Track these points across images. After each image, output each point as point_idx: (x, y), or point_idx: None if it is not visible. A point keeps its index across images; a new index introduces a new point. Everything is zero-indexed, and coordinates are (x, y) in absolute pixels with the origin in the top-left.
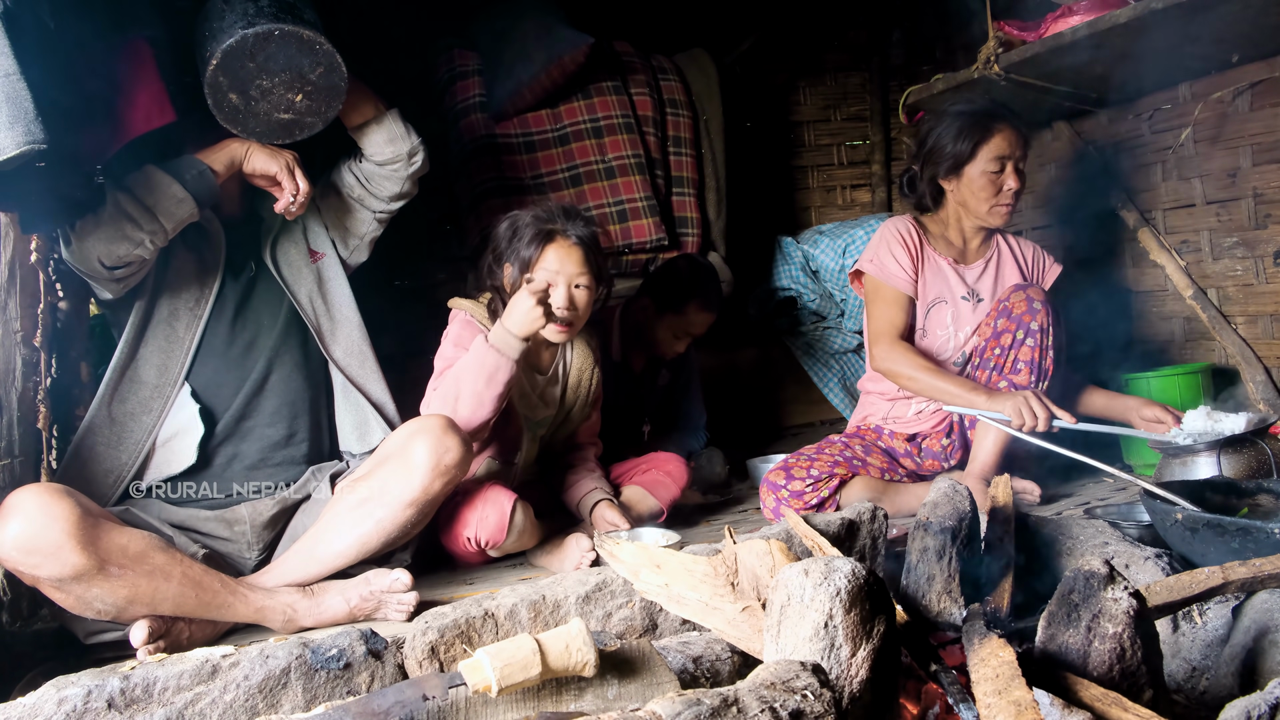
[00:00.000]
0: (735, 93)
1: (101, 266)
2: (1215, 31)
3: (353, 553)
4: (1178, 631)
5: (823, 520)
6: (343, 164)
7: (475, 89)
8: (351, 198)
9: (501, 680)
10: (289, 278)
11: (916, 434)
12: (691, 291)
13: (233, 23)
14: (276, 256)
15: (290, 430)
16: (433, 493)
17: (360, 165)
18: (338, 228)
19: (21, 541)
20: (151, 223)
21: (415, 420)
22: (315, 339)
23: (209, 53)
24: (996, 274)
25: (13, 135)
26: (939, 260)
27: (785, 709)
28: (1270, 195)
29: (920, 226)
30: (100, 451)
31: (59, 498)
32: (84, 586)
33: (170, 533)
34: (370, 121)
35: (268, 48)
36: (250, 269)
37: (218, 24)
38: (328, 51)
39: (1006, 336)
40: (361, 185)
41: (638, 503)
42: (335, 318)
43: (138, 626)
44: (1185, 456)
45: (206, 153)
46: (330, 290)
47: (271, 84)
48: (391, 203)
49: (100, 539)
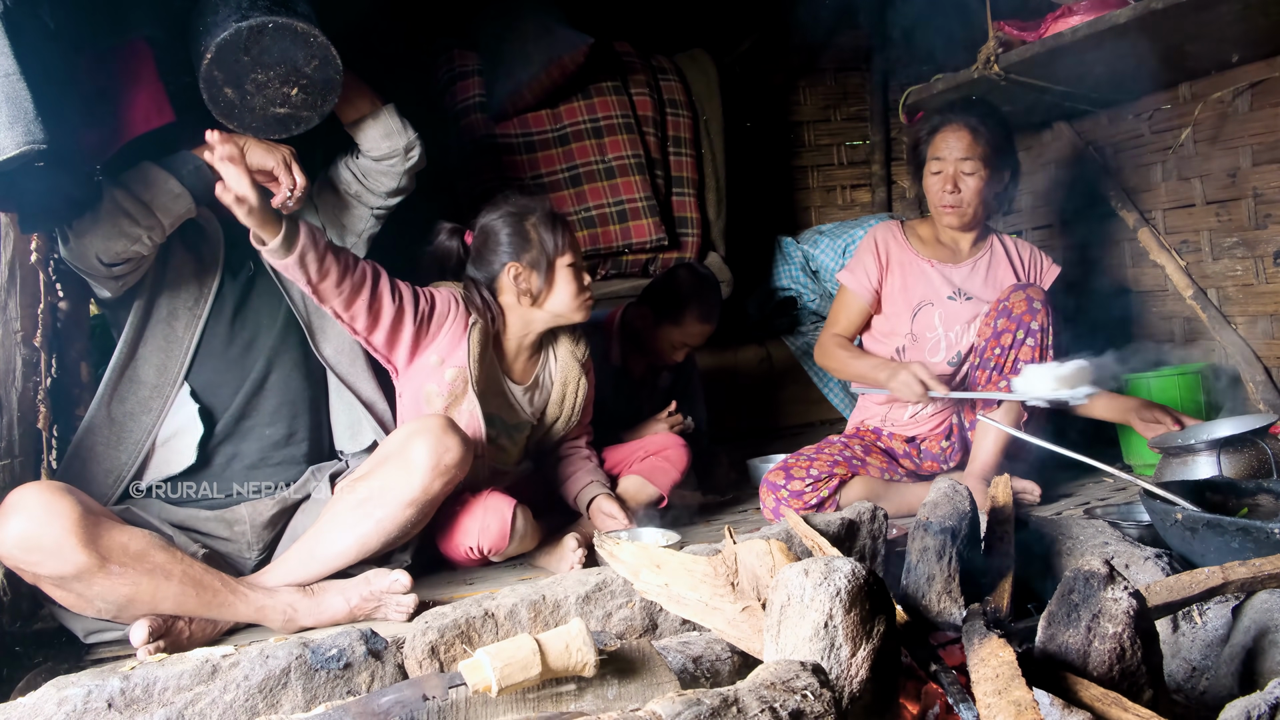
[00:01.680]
0: (735, 93)
1: (100, 264)
2: (1215, 31)
3: (352, 553)
4: (1178, 631)
5: (823, 520)
6: (340, 160)
7: (475, 89)
8: (349, 194)
9: (501, 680)
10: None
11: (915, 436)
12: (690, 303)
13: (226, 16)
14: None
15: (290, 430)
16: (433, 493)
17: (357, 161)
18: (335, 225)
19: (23, 539)
20: (149, 218)
21: (415, 420)
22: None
23: (203, 47)
24: (987, 273)
25: (13, 135)
26: (920, 263)
27: (785, 709)
28: (1270, 195)
29: (906, 231)
30: (100, 451)
31: (61, 495)
32: (85, 584)
33: (170, 532)
34: (366, 117)
35: (262, 41)
36: (249, 268)
37: (212, 18)
38: (322, 44)
39: (1006, 336)
40: (358, 181)
41: (637, 492)
42: (326, 314)
43: (138, 625)
44: (1185, 456)
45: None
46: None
47: (266, 78)
48: (388, 199)
49: (101, 537)
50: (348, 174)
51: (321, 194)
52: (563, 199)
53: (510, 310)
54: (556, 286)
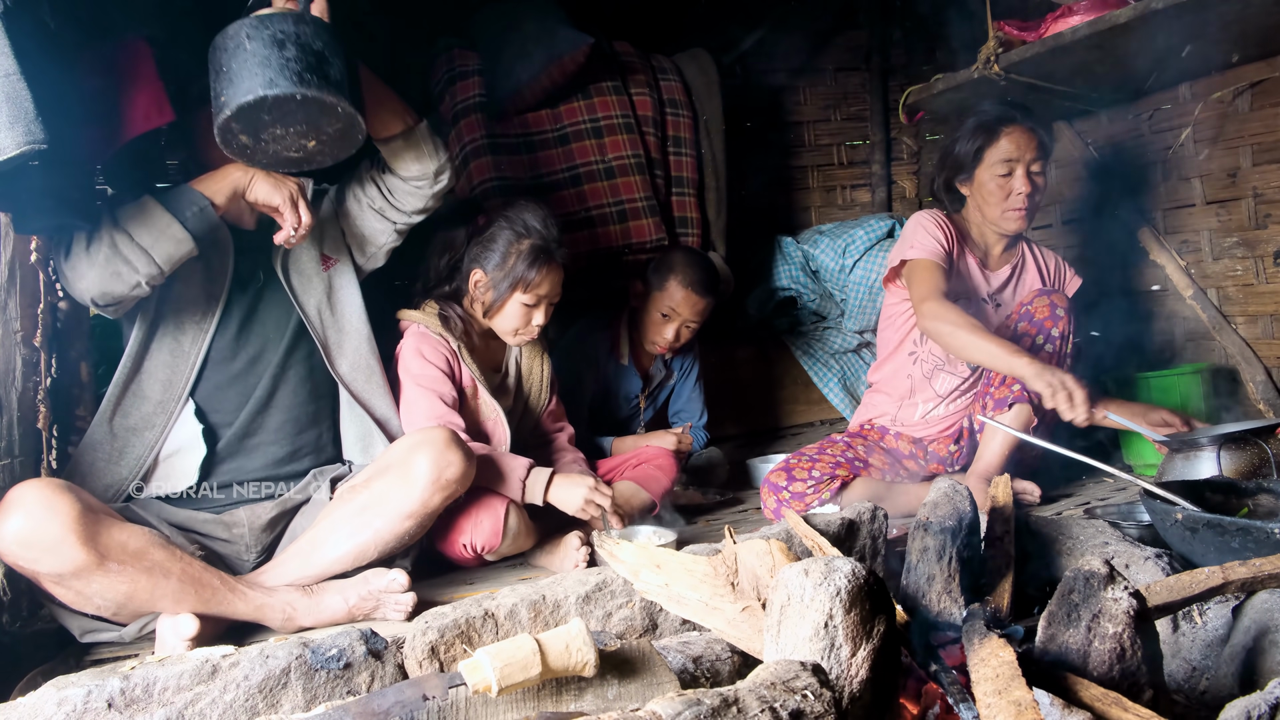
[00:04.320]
0: (735, 93)
1: (93, 303)
2: (1215, 31)
3: (349, 560)
4: (1178, 631)
5: (823, 520)
6: (365, 170)
7: (475, 89)
8: (372, 208)
9: (501, 680)
10: (298, 287)
11: (923, 437)
12: (676, 269)
13: (252, 71)
14: (287, 264)
15: (295, 446)
16: (431, 506)
17: (384, 177)
18: (355, 235)
19: (22, 535)
20: (149, 266)
21: (418, 432)
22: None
23: (224, 99)
24: (1018, 283)
25: (13, 135)
26: (970, 258)
27: (785, 709)
28: (1270, 195)
29: (952, 222)
30: (100, 467)
31: (60, 492)
32: (83, 582)
33: (168, 531)
34: (398, 136)
35: (287, 107)
36: (259, 279)
37: (236, 65)
38: (349, 114)
39: (1025, 340)
40: (383, 196)
41: (630, 498)
42: (344, 329)
43: (186, 620)
44: (1188, 452)
45: (207, 181)
46: (340, 300)
47: (285, 133)
48: (413, 216)
49: (101, 534)
50: (373, 188)
51: (344, 202)
52: (563, 199)
53: (473, 305)
54: (503, 311)
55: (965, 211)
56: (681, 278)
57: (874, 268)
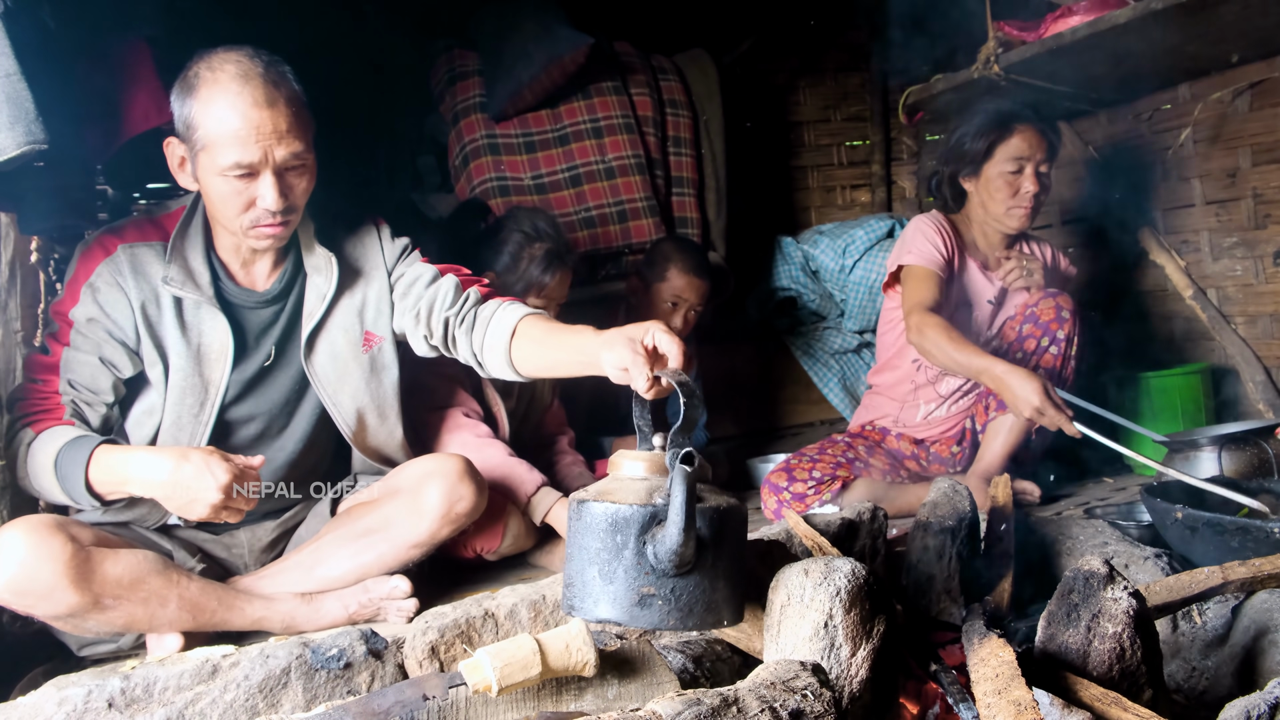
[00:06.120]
0: (735, 93)
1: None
2: (1215, 31)
3: (350, 579)
4: (1178, 631)
5: (823, 520)
6: (438, 304)
7: (475, 89)
8: (428, 341)
9: (501, 680)
10: (331, 379)
11: (924, 438)
12: (672, 258)
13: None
14: (316, 349)
15: (298, 476)
16: (439, 538)
17: (461, 331)
18: (408, 314)
19: (15, 585)
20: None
21: (432, 458)
22: (331, 412)
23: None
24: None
25: (13, 135)
26: (971, 263)
27: (785, 709)
28: (1270, 195)
29: (951, 226)
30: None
31: (50, 534)
32: (79, 620)
33: (169, 546)
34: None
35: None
36: (268, 356)
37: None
38: None
39: (1030, 342)
40: (446, 345)
41: None
42: (384, 414)
43: (173, 639)
44: (1188, 452)
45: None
46: (380, 382)
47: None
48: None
49: (95, 574)
50: (440, 329)
51: (401, 276)
52: (563, 199)
53: None
54: None
55: (966, 209)
56: (680, 265)
57: (874, 268)
